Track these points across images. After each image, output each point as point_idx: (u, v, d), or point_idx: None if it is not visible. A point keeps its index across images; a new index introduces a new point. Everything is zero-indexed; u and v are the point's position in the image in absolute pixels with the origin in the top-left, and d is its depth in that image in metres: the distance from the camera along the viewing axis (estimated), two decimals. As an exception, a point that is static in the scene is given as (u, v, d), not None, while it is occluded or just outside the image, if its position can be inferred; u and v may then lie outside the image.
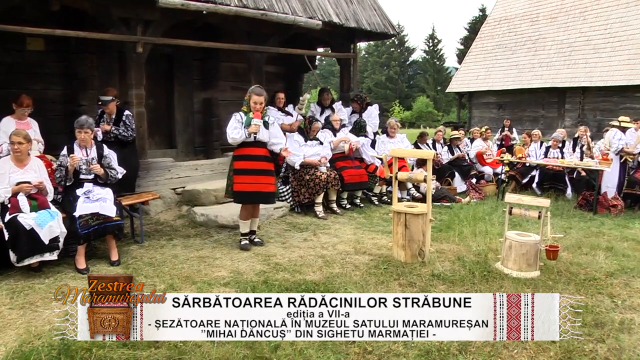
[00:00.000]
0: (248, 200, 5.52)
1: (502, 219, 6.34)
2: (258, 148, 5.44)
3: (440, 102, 45.07)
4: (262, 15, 7.23)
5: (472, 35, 35.16)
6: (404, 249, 5.10)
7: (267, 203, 5.85)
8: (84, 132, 5.10)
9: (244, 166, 5.43)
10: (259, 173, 5.44)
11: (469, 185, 9.17)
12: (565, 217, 7.36)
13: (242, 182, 5.40)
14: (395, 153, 5.70)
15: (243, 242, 5.68)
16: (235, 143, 5.43)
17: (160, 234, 6.23)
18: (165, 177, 7.26)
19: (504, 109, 21.98)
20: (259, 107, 5.33)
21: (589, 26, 19.63)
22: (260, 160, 5.46)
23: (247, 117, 5.35)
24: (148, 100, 7.29)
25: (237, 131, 5.33)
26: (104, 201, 4.95)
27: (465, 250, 5.54)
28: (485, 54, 23.48)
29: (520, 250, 4.73)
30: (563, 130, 10.31)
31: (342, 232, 6.39)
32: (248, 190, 5.41)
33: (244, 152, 5.44)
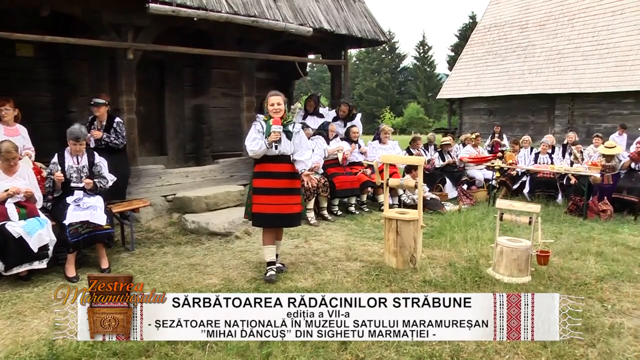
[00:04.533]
0: (268, 224, 4.84)
1: (493, 225, 6.37)
2: (281, 164, 4.73)
3: (431, 108, 45.33)
4: (253, 22, 7.25)
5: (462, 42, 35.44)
6: (396, 256, 5.11)
7: (291, 226, 5.11)
8: (79, 145, 5.07)
9: (264, 184, 4.73)
10: (281, 192, 4.73)
11: (460, 191, 9.21)
12: (555, 223, 7.41)
13: (262, 202, 4.72)
14: (386, 159, 5.71)
15: (269, 273, 4.81)
16: (256, 156, 4.74)
17: (151, 241, 6.20)
18: (156, 184, 7.21)
19: (495, 115, 22.16)
20: (277, 110, 4.65)
21: (577, 33, 19.88)
22: (283, 178, 4.75)
23: (268, 125, 4.66)
24: (139, 106, 7.25)
25: (257, 142, 4.62)
26: (94, 209, 4.92)
27: (456, 256, 5.56)
28: (476, 61, 23.68)
29: (512, 255, 4.75)
30: (551, 136, 10.39)
31: (334, 239, 6.39)
32: (268, 212, 4.71)
33: (264, 169, 4.74)
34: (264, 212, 4.73)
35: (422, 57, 48.41)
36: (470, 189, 9.60)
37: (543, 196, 8.91)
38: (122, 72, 6.76)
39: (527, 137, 10.27)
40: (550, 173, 8.92)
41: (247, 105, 8.20)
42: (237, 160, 8.24)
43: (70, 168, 5.10)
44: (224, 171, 8.02)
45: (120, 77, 6.78)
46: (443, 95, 25.20)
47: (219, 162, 8.08)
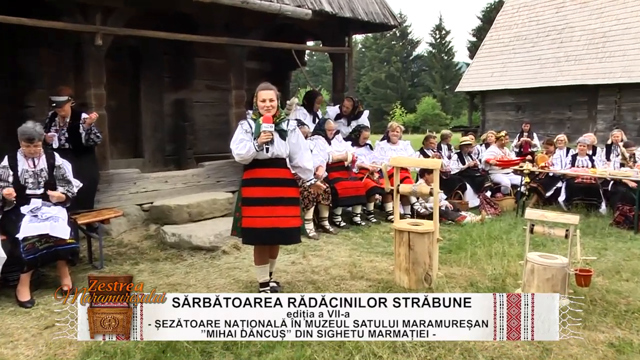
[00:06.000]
0: (261, 241, 4.73)
1: (522, 239, 6.33)
2: (274, 169, 4.64)
3: (448, 103, 45.41)
4: (243, 4, 7.24)
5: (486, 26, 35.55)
6: (408, 273, 5.08)
7: (289, 243, 5.07)
8: (33, 146, 5.01)
9: (254, 194, 4.61)
10: (276, 202, 4.59)
11: (482, 199, 9.17)
12: (598, 237, 7.33)
13: (253, 215, 4.59)
14: (396, 162, 5.71)
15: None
16: (244, 161, 4.64)
17: (123, 257, 6.18)
18: (129, 191, 7.20)
19: (523, 110, 22.15)
20: (269, 106, 4.53)
21: (629, 11, 19.36)
22: (277, 186, 4.63)
23: (257, 124, 4.55)
24: (109, 101, 7.24)
25: (244, 144, 4.51)
26: (55, 220, 4.87)
27: (479, 274, 5.53)
28: (502, 47, 23.72)
29: (545, 274, 4.70)
30: (591, 135, 10.34)
31: (336, 254, 6.38)
32: (261, 226, 4.58)
33: (255, 175, 4.64)
34: (256, 227, 4.61)
35: (439, 43, 48.54)
36: (495, 197, 9.57)
37: (582, 205, 8.82)
38: (89, 61, 6.74)
39: (563, 136, 10.24)
40: (591, 178, 8.85)
41: (236, 100, 8.19)
42: (224, 163, 8.23)
43: (25, 172, 5.05)
44: (209, 176, 8.00)
45: (88, 67, 6.76)
46: (463, 88, 25.27)
47: (204, 166, 8.08)
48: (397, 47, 50.53)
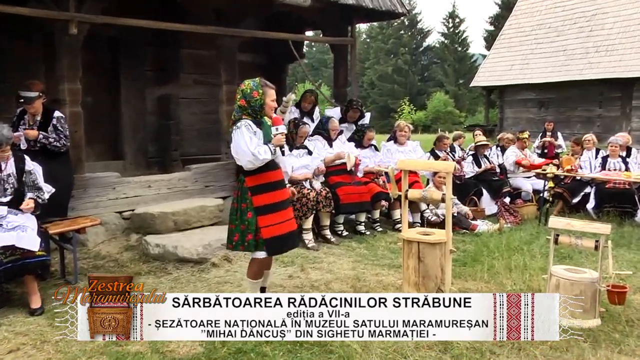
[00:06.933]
0: (288, 247, 4.95)
1: (545, 250, 6.30)
2: (278, 170, 4.82)
3: (462, 99, 45.56)
4: (235, -11, 7.23)
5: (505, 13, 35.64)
6: (417, 288, 5.06)
7: (297, 246, 5.30)
8: (1, 151, 4.97)
9: (270, 199, 4.69)
10: (286, 205, 4.87)
11: (501, 206, 9.13)
12: (634, 249, 7.28)
13: (273, 222, 4.68)
14: (404, 165, 5.70)
15: None
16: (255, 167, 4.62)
17: (100, 271, 6.16)
18: (108, 197, 7.20)
19: (547, 107, 22.15)
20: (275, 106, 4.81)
21: None
22: (283, 187, 4.89)
23: (265, 126, 4.68)
24: (85, 97, 7.24)
25: (264, 149, 4.54)
26: (23, 230, 4.83)
27: (497, 289, 5.48)
28: (523, 37, 23.73)
29: (572, 290, 4.65)
30: (625, 134, 10.25)
31: (338, 267, 6.38)
32: (285, 232, 4.77)
33: (264, 180, 4.69)
34: (282, 234, 4.76)
35: (452, 33, 48.77)
36: (515, 203, 9.54)
37: (615, 213, 8.75)
38: (62, 52, 6.73)
39: (591, 135, 10.15)
40: (624, 183, 8.80)
41: (227, 96, 8.14)
42: (214, 166, 8.24)
43: None
44: (197, 180, 8.00)
45: (61, 59, 6.75)
46: (478, 83, 25.31)
47: (191, 169, 8.07)
48: (406, 37, 50.71)
